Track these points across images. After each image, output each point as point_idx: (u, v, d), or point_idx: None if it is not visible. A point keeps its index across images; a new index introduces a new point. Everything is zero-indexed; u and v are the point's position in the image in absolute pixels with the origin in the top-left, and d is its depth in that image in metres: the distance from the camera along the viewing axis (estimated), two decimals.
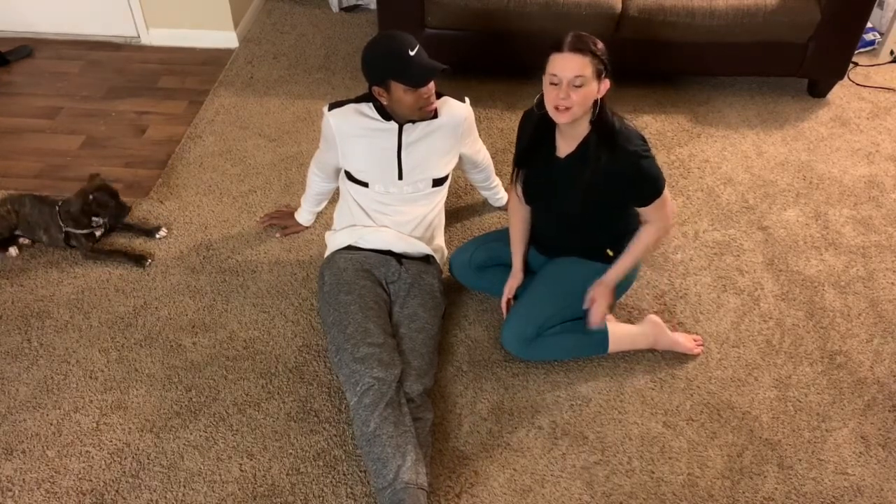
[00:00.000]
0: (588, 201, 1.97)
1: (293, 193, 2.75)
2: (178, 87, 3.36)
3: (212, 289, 2.41)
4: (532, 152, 2.04)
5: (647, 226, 2.03)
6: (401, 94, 1.96)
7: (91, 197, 2.40)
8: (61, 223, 2.43)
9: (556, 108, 1.83)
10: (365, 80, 2.01)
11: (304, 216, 2.58)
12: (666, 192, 1.96)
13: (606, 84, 1.85)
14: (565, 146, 1.97)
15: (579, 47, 1.78)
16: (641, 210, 2.00)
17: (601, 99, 1.86)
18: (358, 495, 1.87)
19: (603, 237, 2.10)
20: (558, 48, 1.80)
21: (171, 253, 2.54)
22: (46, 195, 2.57)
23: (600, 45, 1.81)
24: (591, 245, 2.11)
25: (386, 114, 2.08)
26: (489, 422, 2.05)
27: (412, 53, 1.91)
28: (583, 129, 1.91)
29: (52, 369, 2.17)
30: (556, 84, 1.80)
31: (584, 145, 1.92)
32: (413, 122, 2.08)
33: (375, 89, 1.99)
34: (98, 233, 2.50)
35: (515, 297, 2.21)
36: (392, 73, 1.93)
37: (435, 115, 2.10)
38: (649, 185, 1.93)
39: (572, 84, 1.78)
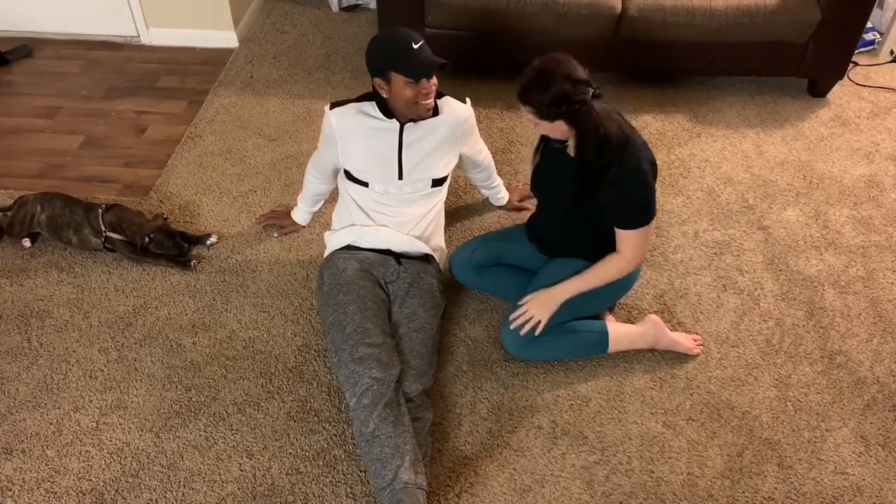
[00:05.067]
0: (585, 204, 1.98)
1: (293, 193, 2.75)
2: (177, 87, 3.36)
3: (211, 288, 2.41)
4: (549, 141, 2.07)
5: (614, 256, 2.03)
6: (401, 86, 1.96)
7: (149, 238, 2.40)
8: (103, 227, 2.41)
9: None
10: (368, 73, 2.01)
11: (300, 215, 2.57)
12: (647, 230, 1.96)
13: (562, 125, 1.86)
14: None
15: (522, 97, 1.85)
16: (617, 234, 1.99)
17: (586, 119, 1.85)
18: (358, 495, 1.88)
19: (603, 239, 2.09)
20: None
21: None
22: (79, 197, 2.54)
23: (554, 89, 1.79)
24: (592, 246, 2.11)
25: (387, 111, 2.08)
26: (489, 421, 2.05)
27: (415, 46, 1.92)
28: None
29: (52, 369, 2.17)
30: None
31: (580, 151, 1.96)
32: (413, 121, 2.08)
33: (377, 81, 1.99)
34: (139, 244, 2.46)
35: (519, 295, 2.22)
36: (393, 64, 1.93)
37: (436, 113, 2.10)
38: (638, 211, 1.94)
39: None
